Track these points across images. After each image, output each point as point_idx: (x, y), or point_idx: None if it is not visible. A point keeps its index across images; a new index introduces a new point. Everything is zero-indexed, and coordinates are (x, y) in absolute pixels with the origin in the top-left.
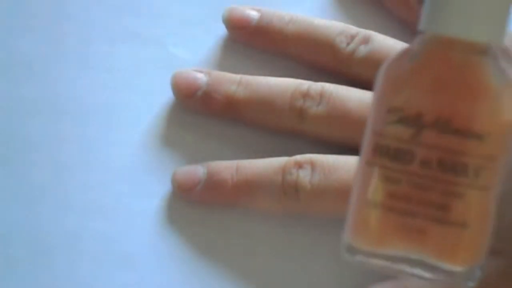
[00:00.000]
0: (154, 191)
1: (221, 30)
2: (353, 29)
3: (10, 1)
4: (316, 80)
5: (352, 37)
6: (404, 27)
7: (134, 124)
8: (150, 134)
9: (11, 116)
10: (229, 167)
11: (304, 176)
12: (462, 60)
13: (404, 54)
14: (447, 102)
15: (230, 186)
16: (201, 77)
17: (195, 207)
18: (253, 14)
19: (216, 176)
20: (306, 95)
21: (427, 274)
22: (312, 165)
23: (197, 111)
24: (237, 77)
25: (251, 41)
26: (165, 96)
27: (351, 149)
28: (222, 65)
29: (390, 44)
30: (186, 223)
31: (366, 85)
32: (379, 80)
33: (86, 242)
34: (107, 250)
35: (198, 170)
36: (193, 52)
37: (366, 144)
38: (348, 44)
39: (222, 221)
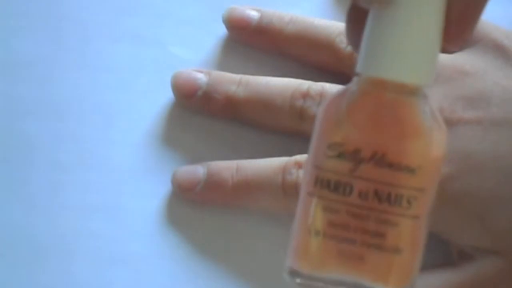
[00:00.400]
0: (154, 191)
1: (221, 30)
2: None
3: (10, 1)
4: (316, 80)
5: None
6: None
7: (134, 124)
8: (150, 134)
9: (11, 116)
10: (229, 167)
11: None
12: (394, 100)
13: (342, 93)
14: (382, 138)
15: (230, 186)
16: (201, 77)
17: (195, 207)
18: (253, 14)
19: (216, 176)
20: (306, 95)
21: None
22: None
23: (197, 111)
24: (237, 77)
25: (251, 41)
26: (165, 96)
27: None
28: (222, 65)
29: None
30: (186, 223)
31: None
32: (319, 117)
33: (85, 242)
34: (107, 250)
35: (198, 170)
36: (193, 52)
37: (307, 176)
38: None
39: (222, 221)
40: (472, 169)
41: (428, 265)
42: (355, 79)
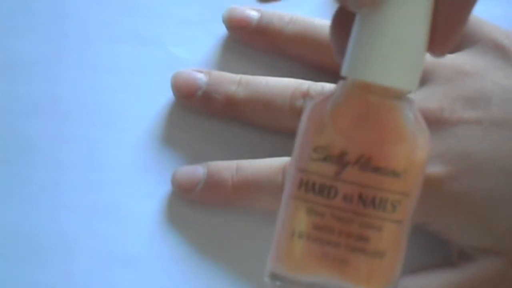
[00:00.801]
0: (154, 191)
1: (221, 30)
2: None
3: (10, 1)
4: (316, 80)
5: None
6: None
7: (134, 124)
8: (150, 134)
9: (11, 116)
10: (229, 167)
11: None
12: (379, 104)
13: (327, 97)
14: (367, 142)
15: (230, 186)
16: (201, 77)
17: (195, 207)
18: (253, 14)
19: (216, 176)
20: (306, 95)
21: None
22: None
23: (197, 111)
24: (237, 77)
25: (251, 41)
26: (165, 96)
27: None
28: (222, 65)
29: None
30: (186, 223)
31: None
32: (304, 120)
33: (86, 242)
34: (107, 250)
35: (198, 170)
36: (193, 52)
37: (291, 179)
38: None
39: (222, 221)
40: (472, 169)
41: (428, 265)
42: (340, 83)
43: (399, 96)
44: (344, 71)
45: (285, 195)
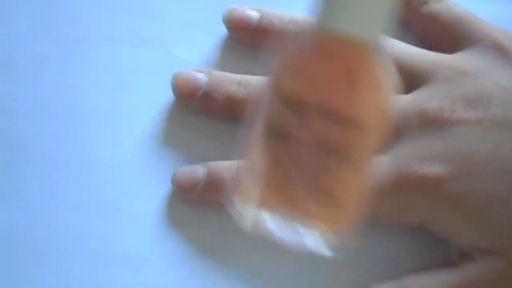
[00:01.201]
0: (154, 191)
1: (221, 30)
2: None
3: (10, 1)
4: None
5: None
6: (405, 27)
7: (134, 124)
8: (150, 134)
9: (10, 116)
10: (229, 167)
11: None
12: (346, 53)
13: (294, 44)
14: (332, 91)
15: (230, 186)
16: (201, 77)
17: (195, 207)
18: (254, 14)
19: (216, 176)
20: None
21: (305, 241)
22: None
23: (197, 111)
24: (237, 77)
25: (251, 41)
26: (165, 96)
27: None
28: (222, 65)
29: (389, 44)
30: (186, 223)
31: None
32: (271, 67)
33: (86, 242)
34: (107, 250)
35: (198, 170)
36: (193, 52)
37: (257, 125)
38: None
39: (222, 221)
40: (472, 169)
41: (428, 265)
42: (306, 30)
43: (366, 45)
44: (313, 19)
45: (250, 142)
